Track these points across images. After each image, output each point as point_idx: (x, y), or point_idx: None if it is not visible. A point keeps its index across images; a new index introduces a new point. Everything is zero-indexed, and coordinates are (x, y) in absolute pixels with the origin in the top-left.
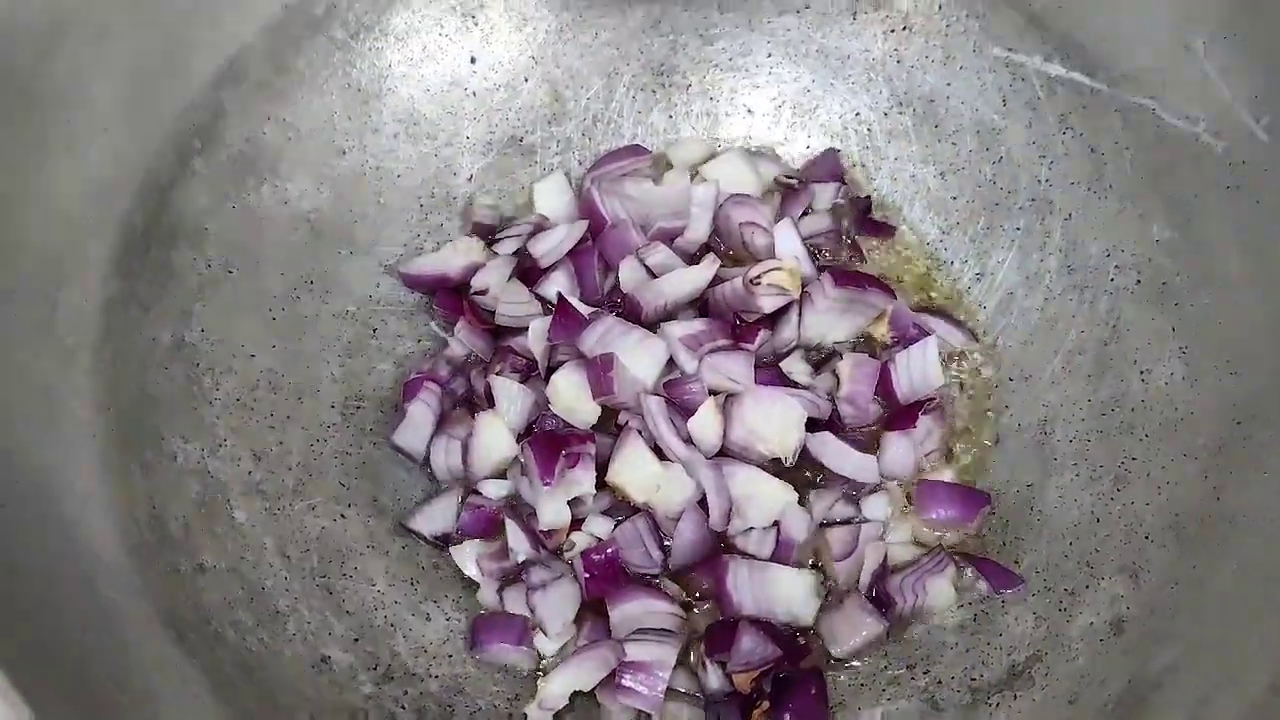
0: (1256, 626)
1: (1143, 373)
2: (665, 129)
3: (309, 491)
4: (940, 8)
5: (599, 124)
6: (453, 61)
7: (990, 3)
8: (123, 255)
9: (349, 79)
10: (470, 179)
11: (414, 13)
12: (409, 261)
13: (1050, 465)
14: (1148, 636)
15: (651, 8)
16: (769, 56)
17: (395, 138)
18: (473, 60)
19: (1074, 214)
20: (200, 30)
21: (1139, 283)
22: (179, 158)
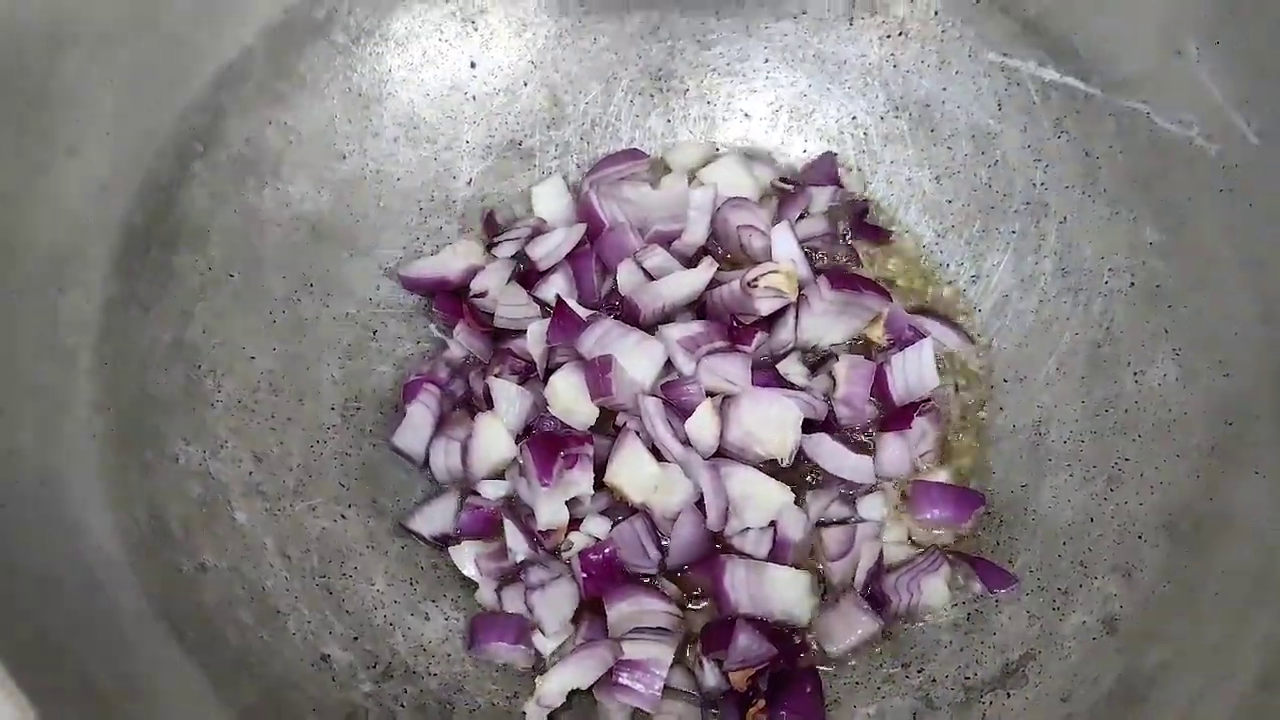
0: (1248, 625)
1: (1136, 374)
2: (663, 133)
3: (309, 492)
4: (936, 13)
5: (597, 128)
6: (452, 66)
7: (985, 8)
8: (124, 256)
9: (349, 83)
10: (469, 182)
11: (414, 18)
12: (408, 264)
13: (1044, 466)
14: (1140, 635)
15: (649, 13)
16: (766, 61)
17: (395, 141)
18: (472, 65)
19: (1068, 217)
20: (201, 33)
21: (1132, 285)
22: (180, 160)
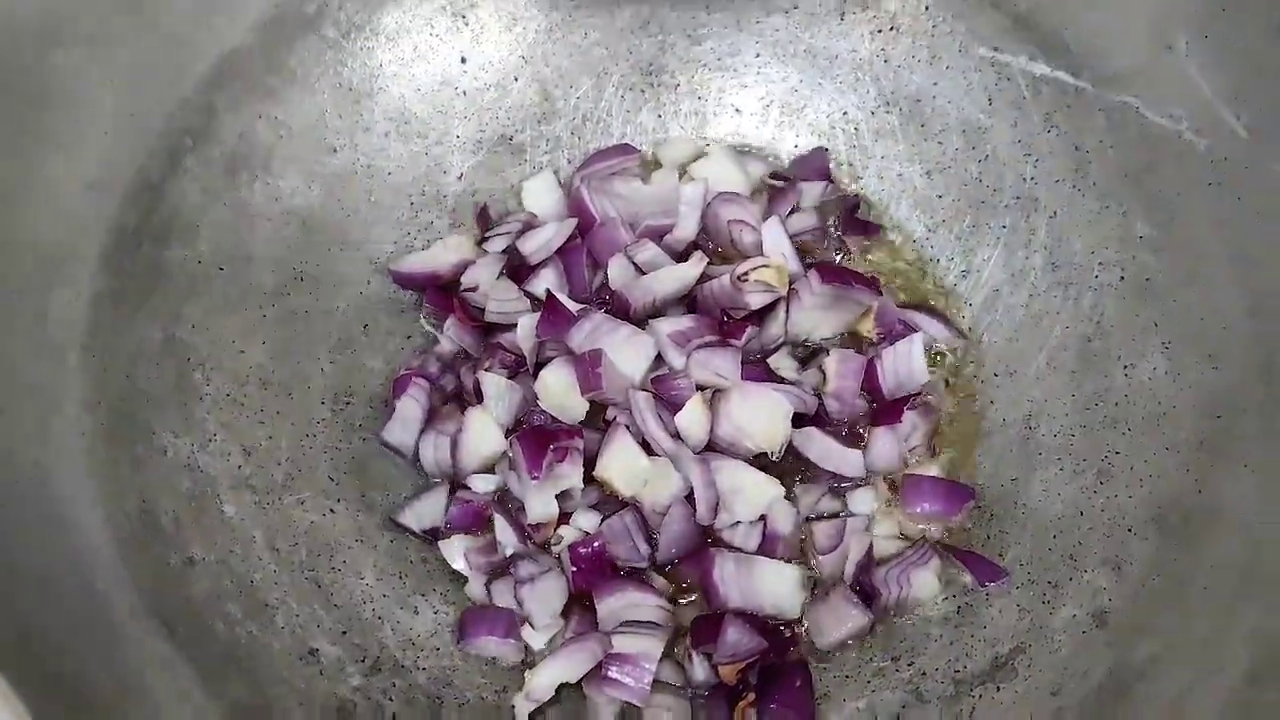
0: (1236, 618)
1: (1126, 368)
2: (654, 128)
3: (298, 486)
4: (927, 8)
5: (588, 123)
6: (443, 61)
7: (976, 3)
8: (114, 252)
9: (340, 78)
10: (460, 177)
11: (405, 12)
12: (399, 259)
13: (1034, 459)
14: (1129, 628)
15: (640, 8)
16: (757, 56)
17: (386, 136)
18: (463, 60)
19: (1058, 211)
20: (193, 29)
21: (1122, 279)
22: (171, 155)
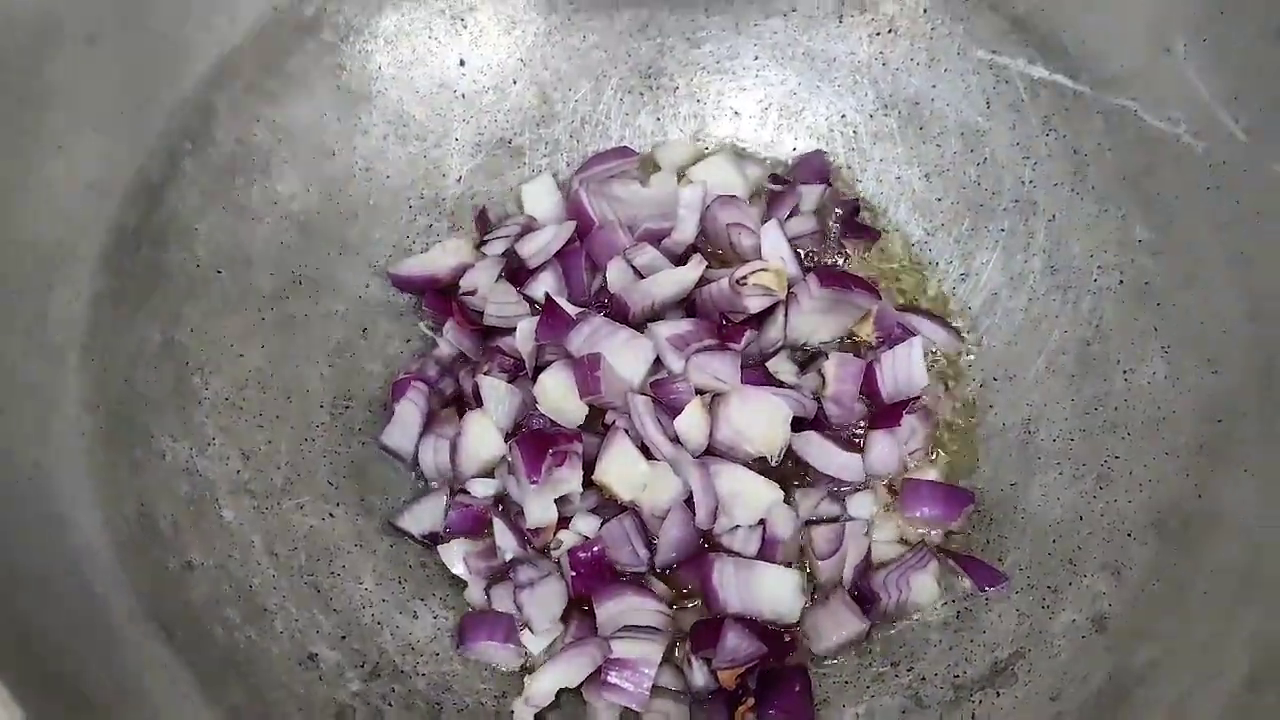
0: (1235, 623)
1: (1125, 372)
2: (653, 131)
3: (297, 490)
4: (925, 11)
5: (587, 126)
6: (442, 64)
7: (974, 6)
8: (113, 254)
9: (339, 81)
10: (459, 180)
11: (403, 15)
12: (398, 262)
13: (1034, 464)
14: (1129, 633)
15: (639, 11)
16: (756, 59)
17: (385, 139)
18: (462, 63)
19: (1057, 215)
20: (191, 32)
21: (1121, 283)
22: (170, 158)
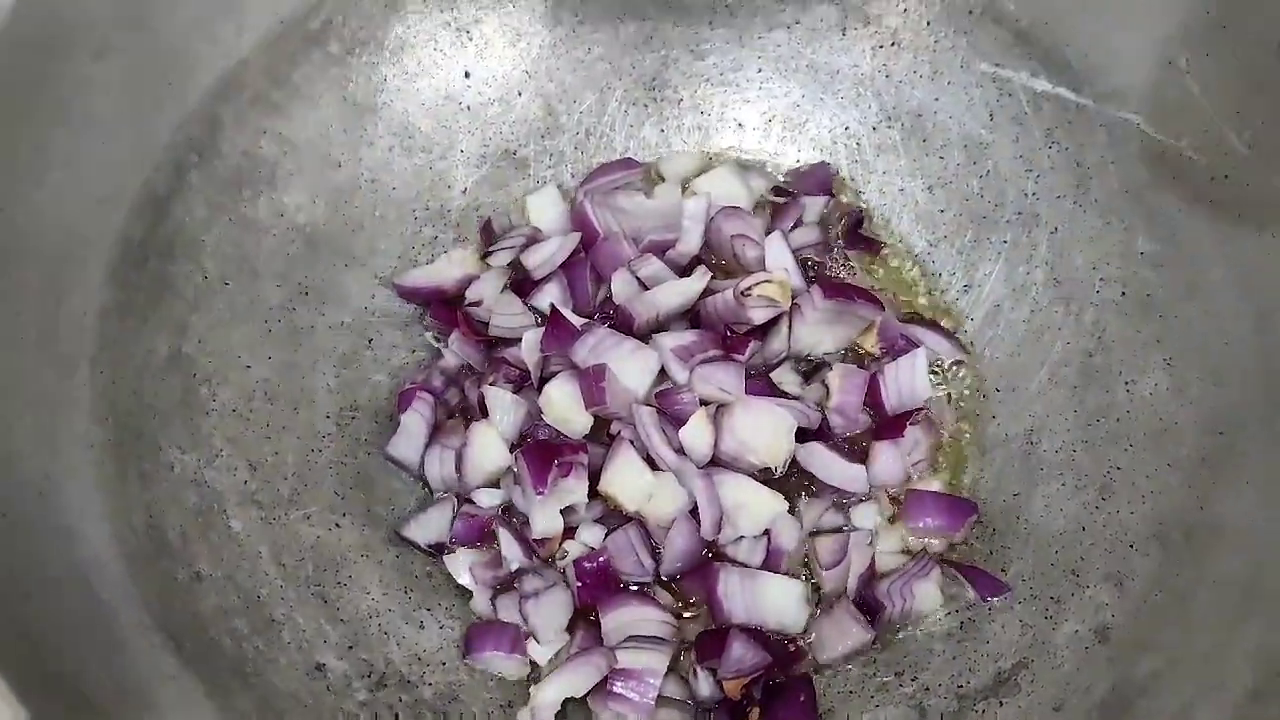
0: (1239, 634)
1: (1128, 384)
2: (657, 143)
3: (304, 501)
4: (928, 24)
5: (591, 137)
6: (447, 76)
7: (978, 19)
8: (120, 266)
9: (344, 93)
10: (464, 192)
11: (409, 28)
12: (404, 273)
13: (1037, 475)
14: (1132, 644)
15: (643, 23)
16: (759, 71)
17: (390, 151)
18: (467, 75)
19: (1060, 227)
20: (197, 44)
21: (1124, 295)
22: (176, 170)
